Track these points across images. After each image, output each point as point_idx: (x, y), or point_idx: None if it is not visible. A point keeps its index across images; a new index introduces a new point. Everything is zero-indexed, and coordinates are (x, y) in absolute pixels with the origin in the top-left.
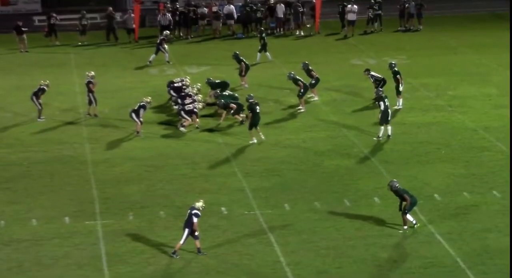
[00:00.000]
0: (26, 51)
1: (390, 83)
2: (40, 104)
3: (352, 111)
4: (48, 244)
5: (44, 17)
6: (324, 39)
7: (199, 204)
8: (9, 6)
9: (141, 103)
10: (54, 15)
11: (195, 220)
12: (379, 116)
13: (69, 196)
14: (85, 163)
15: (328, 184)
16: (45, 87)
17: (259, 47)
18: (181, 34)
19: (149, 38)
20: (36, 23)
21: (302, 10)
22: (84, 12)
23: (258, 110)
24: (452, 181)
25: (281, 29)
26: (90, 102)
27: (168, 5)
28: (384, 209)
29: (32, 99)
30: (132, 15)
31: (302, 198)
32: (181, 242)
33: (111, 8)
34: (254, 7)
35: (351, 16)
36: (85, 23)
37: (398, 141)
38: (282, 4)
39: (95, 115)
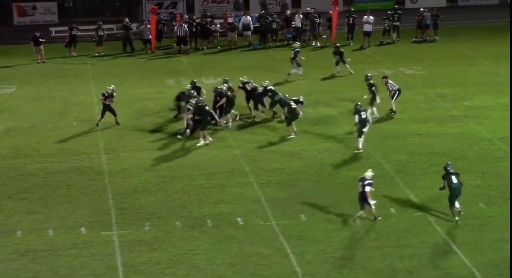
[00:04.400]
0: (43, 62)
1: (405, 94)
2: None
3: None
4: (65, 255)
5: (61, 28)
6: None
7: (370, 174)
8: (26, 17)
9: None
10: (77, 26)
11: (367, 189)
12: (356, 129)
13: (85, 206)
14: (101, 173)
15: (344, 195)
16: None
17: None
18: (197, 45)
19: (166, 49)
20: (53, 34)
21: (318, 21)
22: (101, 23)
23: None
24: (469, 192)
25: (298, 40)
26: (113, 113)
27: (185, 16)
28: (400, 219)
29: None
30: (148, 26)
31: (318, 208)
32: (373, 208)
33: (127, 19)
34: (270, 18)
35: (367, 27)
36: (102, 34)
37: (414, 151)
38: (300, 14)
39: (118, 123)
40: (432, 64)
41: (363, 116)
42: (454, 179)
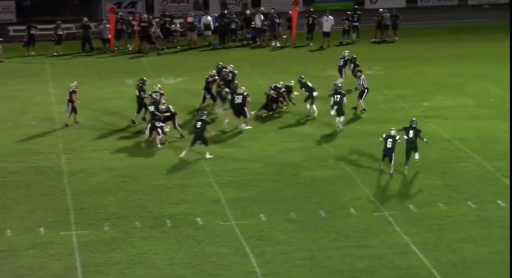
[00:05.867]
0: (1, 61)
1: (373, 94)
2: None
3: (328, 122)
4: (24, 255)
5: (19, 27)
6: (300, 50)
7: (394, 132)
8: None
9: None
10: (35, 25)
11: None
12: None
13: (44, 206)
14: (60, 173)
15: (304, 195)
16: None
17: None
18: (157, 45)
19: (124, 49)
20: (11, 33)
21: (278, 21)
22: (59, 22)
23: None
24: (428, 192)
25: (258, 40)
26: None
27: (144, 15)
28: (360, 220)
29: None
30: (108, 25)
31: (278, 208)
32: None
33: (86, 18)
34: (229, 18)
35: (326, 28)
36: (61, 33)
37: (375, 151)
38: (260, 14)
39: (76, 122)
40: (391, 65)
41: (337, 99)
42: (411, 133)
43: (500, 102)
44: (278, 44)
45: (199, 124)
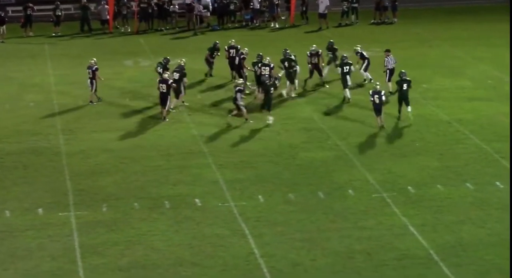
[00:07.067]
0: (2, 42)
1: (373, 76)
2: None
3: (326, 104)
4: (22, 236)
5: (18, 8)
6: (299, 31)
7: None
8: None
9: (237, 88)
10: (31, 5)
11: (384, 98)
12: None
13: (43, 187)
14: (59, 154)
15: (303, 176)
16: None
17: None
18: (155, 26)
19: (121, 30)
20: (10, 13)
21: (277, 2)
22: (58, 3)
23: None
24: (426, 174)
25: (256, 21)
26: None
27: None
28: (358, 201)
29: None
30: (106, 6)
31: (276, 190)
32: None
33: None
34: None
35: (321, 9)
36: (59, 14)
37: (373, 133)
38: None
39: (99, 100)
40: (390, 47)
41: (346, 70)
42: (404, 86)
43: (499, 84)
44: (277, 26)
45: (272, 90)
